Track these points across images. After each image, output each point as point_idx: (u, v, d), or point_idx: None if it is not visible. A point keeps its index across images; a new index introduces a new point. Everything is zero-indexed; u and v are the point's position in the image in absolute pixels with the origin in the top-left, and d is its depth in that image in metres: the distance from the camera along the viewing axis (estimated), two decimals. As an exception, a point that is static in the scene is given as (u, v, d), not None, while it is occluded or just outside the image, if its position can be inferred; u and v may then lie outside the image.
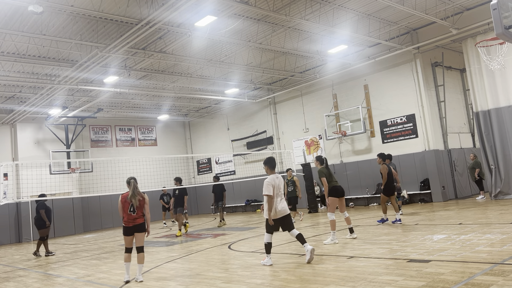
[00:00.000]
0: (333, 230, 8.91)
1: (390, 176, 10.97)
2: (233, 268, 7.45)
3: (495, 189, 14.24)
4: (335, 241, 8.79)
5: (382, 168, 10.95)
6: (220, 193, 16.10)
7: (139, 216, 7.17)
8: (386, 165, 10.98)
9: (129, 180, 7.32)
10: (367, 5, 13.20)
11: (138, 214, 7.17)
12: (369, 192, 17.74)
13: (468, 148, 17.82)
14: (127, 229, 7.16)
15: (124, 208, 7.14)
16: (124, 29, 12.43)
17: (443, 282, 4.99)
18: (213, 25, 12.36)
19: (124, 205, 7.14)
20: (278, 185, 7.29)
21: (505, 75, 13.84)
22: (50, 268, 10.06)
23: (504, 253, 6.08)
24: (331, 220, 8.96)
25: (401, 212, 12.89)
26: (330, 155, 19.43)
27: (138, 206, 7.18)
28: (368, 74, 17.81)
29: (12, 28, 11.49)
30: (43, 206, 12.73)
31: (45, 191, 16.26)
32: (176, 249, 10.82)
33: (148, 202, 7.35)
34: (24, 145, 20.62)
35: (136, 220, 7.15)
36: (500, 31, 5.40)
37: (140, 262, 7.22)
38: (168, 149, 26.12)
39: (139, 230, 7.19)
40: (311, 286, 5.58)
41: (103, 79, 16.24)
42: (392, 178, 11.02)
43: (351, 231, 9.21)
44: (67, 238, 18.73)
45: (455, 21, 14.36)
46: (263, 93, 21.91)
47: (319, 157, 9.69)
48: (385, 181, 10.89)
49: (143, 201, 7.27)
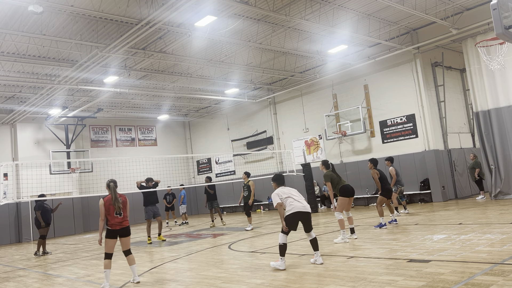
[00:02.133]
0: (342, 229, 8.85)
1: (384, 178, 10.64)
2: (233, 268, 7.45)
3: (495, 189, 14.24)
4: (346, 240, 8.73)
5: (372, 172, 10.67)
6: (214, 193, 16.24)
7: (124, 219, 7.06)
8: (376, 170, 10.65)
9: (109, 183, 7.17)
10: (367, 5, 13.20)
11: (124, 216, 7.06)
12: (369, 192, 17.74)
13: (468, 148, 17.82)
14: (113, 232, 6.96)
15: (110, 211, 6.96)
16: (124, 29, 12.43)
17: (443, 282, 4.99)
18: (213, 25, 12.36)
19: (109, 208, 6.96)
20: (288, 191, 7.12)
21: (505, 75, 13.84)
22: (50, 268, 10.06)
23: (504, 253, 6.08)
24: (339, 219, 8.90)
25: (407, 211, 13.27)
26: (330, 155, 19.43)
27: (123, 208, 7.07)
28: (368, 74, 17.81)
29: (12, 28, 11.49)
30: (39, 207, 12.80)
31: (45, 191, 16.27)
32: (176, 249, 10.82)
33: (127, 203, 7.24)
34: (24, 145, 20.62)
35: (122, 223, 7.03)
36: (500, 31, 5.41)
37: (131, 263, 7.07)
38: (168, 149, 26.12)
39: (125, 234, 7.07)
40: (311, 286, 5.58)
41: (103, 79, 16.24)
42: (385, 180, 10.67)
43: (352, 231, 9.17)
44: (67, 238, 18.73)
45: (455, 21, 14.36)
46: (263, 93, 21.91)
47: (325, 161, 9.70)
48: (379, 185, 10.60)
49: (126, 202, 7.18)
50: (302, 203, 6.97)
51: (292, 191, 7.16)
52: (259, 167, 21.69)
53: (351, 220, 9.24)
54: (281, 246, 6.80)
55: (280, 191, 7.15)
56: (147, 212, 12.92)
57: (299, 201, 6.99)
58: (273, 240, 10.53)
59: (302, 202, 7.01)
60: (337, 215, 8.97)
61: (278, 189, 7.22)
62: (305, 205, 6.98)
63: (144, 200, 13.07)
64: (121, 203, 7.06)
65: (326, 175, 9.33)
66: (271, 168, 21.63)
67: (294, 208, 6.90)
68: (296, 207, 6.91)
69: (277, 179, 7.41)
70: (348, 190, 9.17)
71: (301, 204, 6.94)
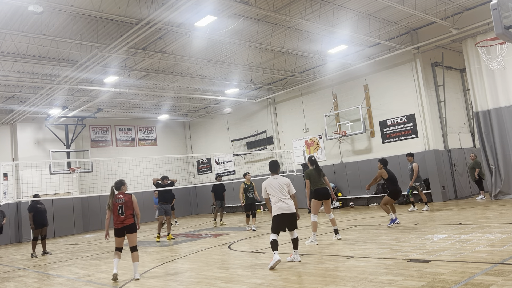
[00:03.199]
0: (314, 232, 8.97)
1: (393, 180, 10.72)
2: (233, 268, 7.45)
3: (495, 189, 14.24)
4: (315, 243, 8.86)
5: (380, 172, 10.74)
6: (221, 193, 16.39)
7: (127, 217, 7.41)
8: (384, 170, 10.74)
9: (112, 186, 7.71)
10: (367, 5, 13.20)
11: (127, 215, 7.40)
12: (369, 192, 17.74)
13: (468, 148, 17.82)
14: (117, 230, 7.41)
15: (114, 210, 7.41)
16: (124, 29, 12.43)
17: (443, 282, 4.99)
18: (213, 25, 12.36)
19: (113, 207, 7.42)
20: (279, 184, 7.22)
21: (505, 75, 13.84)
22: (50, 268, 10.06)
23: (504, 253, 6.08)
24: (312, 221, 8.95)
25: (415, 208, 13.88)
26: (330, 155, 19.44)
27: (126, 208, 7.41)
28: (368, 74, 17.81)
29: (12, 28, 11.49)
30: (32, 209, 12.61)
31: (45, 191, 16.25)
32: (176, 249, 10.82)
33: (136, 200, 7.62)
34: (24, 145, 20.62)
35: (124, 221, 7.38)
36: (500, 31, 5.41)
37: (135, 260, 7.42)
38: (168, 149, 26.12)
39: (130, 231, 7.43)
40: (311, 286, 5.58)
41: (103, 79, 16.24)
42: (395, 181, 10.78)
43: (336, 232, 9.21)
44: (67, 238, 18.73)
45: (455, 21, 14.36)
46: (263, 93, 21.92)
47: (310, 157, 9.60)
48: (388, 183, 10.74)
49: (130, 201, 7.49)
50: (286, 203, 7.13)
51: (281, 184, 7.27)
52: (259, 167, 21.69)
53: (333, 221, 9.21)
54: (272, 243, 7.00)
55: (268, 184, 7.29)
56: (159, 209, 13.36)
57: (283, 201, 7.14)
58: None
59: (286, 202, 7.14)
60: (312, 218, 9.00)
61: (268, 180, 7.36)
62: (290, 205, 7.14)
63: (159, 197, 13.57)
64: (123, 203, 7.40)
65: (306, 173, 9.28)
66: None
67: (279, 209, 7.09)
68: (281, 209, 7.09)
69: (269, 167, 7.55)
70: (319, 194, 9.11)
71: (286, 205, 7.11)
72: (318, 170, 9.35)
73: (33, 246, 12.68)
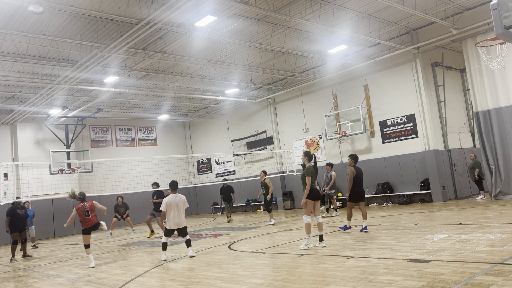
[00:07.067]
0: (307, 234, 8.47)
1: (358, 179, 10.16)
2: (233, 268, 7.45)
3: (495, 189, 14.24)
4: (310, 246, 8.38)
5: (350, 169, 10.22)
6: (229, 194, 17.47)
7: (92, 217, 9.58)
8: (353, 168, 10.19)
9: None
10: (367, 5, 13.20)
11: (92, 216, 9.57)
12: (368, 192, 17.73)
13: (468, 148, 17.82)
14: (86, 230, 9.49)
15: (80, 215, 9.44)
16: (124, 29, 12.43)
17: (443, 282, 4.99)
18: (213, 25, 12.36)
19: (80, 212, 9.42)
20: (176, 203, 9.07)
21: (505, 75, 13.84)
22: (50, 268, 10.07)
23: (504, 253, 6.08)
24: (306, 223, 8.44)
25: (329, 214, 14.87)
26: (330, 155, 19.44)
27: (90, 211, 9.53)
28: (368, 74, 17.81)
29: (12, 28, 11.49)
30: (10, 213, 12.13)
31: (45, 191, 16.24)
32: (176, 249, 10.81)
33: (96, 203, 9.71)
34: (24, 145, 20.61)
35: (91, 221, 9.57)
36: (500, 31, 5.40)
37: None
38: (168, 149, 26.11)
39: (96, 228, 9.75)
40: (311, 286, 5.58)
41: (103, 79, 16.24)
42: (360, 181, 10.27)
43: (321, 239, 8.49)
44: (67, 238, 18.72)
45: (455, 21, 14.36)
46: (263, 93, 21.91)
47: (308, 153, 8.98)
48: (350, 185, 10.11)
49: (93, 205, 9.61)
50: (180, 219, 9.12)
51: (179, 202, 9.21)
52: (259, 167, 21.67)
53: (320, 226, 8.54)
54: (162, 244, 9.10)
55: (168, 199, 9.17)
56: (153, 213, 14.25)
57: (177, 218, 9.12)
58: (274, 240, 10.55)
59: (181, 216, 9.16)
60: (304, 219, 8.49)
61: (169, 196, 9.25)
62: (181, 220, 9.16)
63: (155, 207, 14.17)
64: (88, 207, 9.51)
65: (308, 169, 8.65)
66: (271, 168, 21.62)
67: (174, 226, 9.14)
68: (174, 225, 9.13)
69: (170, 185, 9.39)
70: (314, 193, 8.56)
71: (178, 222, 9.05)
72: (316, 168, 8.92)
73: (12, 250, 12.14)
